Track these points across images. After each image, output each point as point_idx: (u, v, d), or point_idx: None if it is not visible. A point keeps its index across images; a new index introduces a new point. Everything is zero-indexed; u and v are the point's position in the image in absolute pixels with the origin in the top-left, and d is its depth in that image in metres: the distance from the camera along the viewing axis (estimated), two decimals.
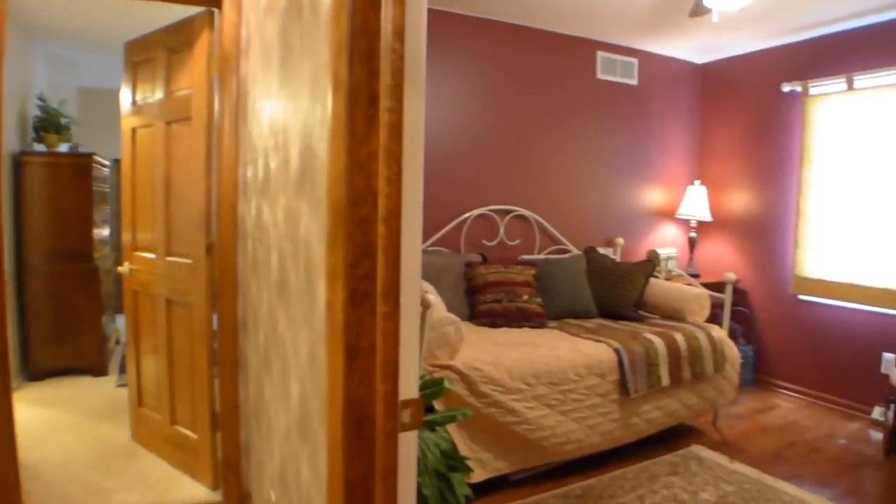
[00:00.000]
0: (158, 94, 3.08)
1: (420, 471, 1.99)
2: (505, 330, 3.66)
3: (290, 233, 1.50)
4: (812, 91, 4.57)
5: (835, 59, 4.44)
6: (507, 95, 4.43)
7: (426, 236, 4.10)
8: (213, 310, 2.80)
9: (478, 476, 2.84)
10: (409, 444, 1.14)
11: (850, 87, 4.30)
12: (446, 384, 2.18)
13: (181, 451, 3.07)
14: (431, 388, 2.20)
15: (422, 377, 2.36)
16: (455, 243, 4.24)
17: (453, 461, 2.19)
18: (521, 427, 2.94)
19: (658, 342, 3.51)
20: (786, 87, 4.70)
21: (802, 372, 4.73)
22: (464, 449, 2.76)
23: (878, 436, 3.99)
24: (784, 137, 4.83)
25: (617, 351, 3.34)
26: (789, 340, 4.83)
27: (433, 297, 2.73)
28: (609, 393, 3.27)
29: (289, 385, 1.58)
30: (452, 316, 2.89)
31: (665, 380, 3.47)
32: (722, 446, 3.73)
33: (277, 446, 1.79)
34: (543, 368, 3.06)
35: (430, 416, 2.22)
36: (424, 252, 3.91)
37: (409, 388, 1.12)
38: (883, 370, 4.21)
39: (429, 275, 3.65)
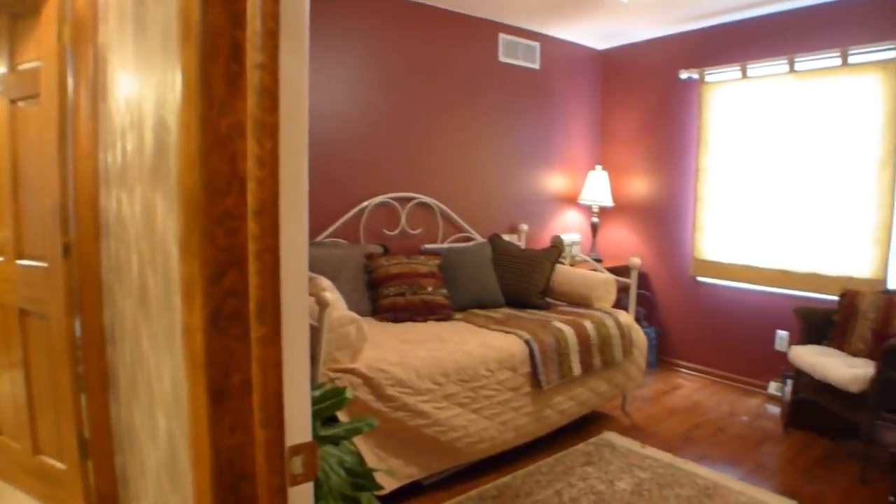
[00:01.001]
0: (1, 68, 2.63)
1: (323, 495, 1.75)
2: (410, 325, 3.45)
3: (148, 231, 1.21)
4: (708, 78, 4.67)
5: (730, 48, 4.55)
6: (407, 77, 4.20)
7: (322, 227, 3.81)
8: (76, 320, 2.42)
9: (388, 486, 2.62)
10: (302, 501, 0.90)
11: (744, 75, 4.43)
12: (348, 393, 1.95)
13: (48, 483, 2.65)
14: (333, 398, 1.96)
15: (321, 385, 2.11)
16: (354, 234, 3.98)
17: (360, 478, 1.97)
18: (432, 429, 2.75)
19: (568, 331, 3.43)
20: (683, 74, 4.78)
21: (703, 352, 4.85)
22: (371, 458, 2.54)
23: (775, 410, 4.14)
24: (682, 123, 4.92)
25: (528, 342, 3.22)
26: (690, 321, 4.94)
27: (331, 294, 2.48)
28: (521, 386, 3.15)
29: (156, 416, 1.30)
30: (353, 314, 2.65)
31: (576, 369, 3.39)
32: (632, 431, 3.72)
33: (151, 487, 1.50)
34: (453, 365, 2.89)
35: (333, 430, 1.99)
36: (321, 244, 3.62)
37: (299, 428, 0.88)
38: (777, 347, 4.38)
39: (326, 269, 3.38)
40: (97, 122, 2.20)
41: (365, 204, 4.00)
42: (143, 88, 1.24)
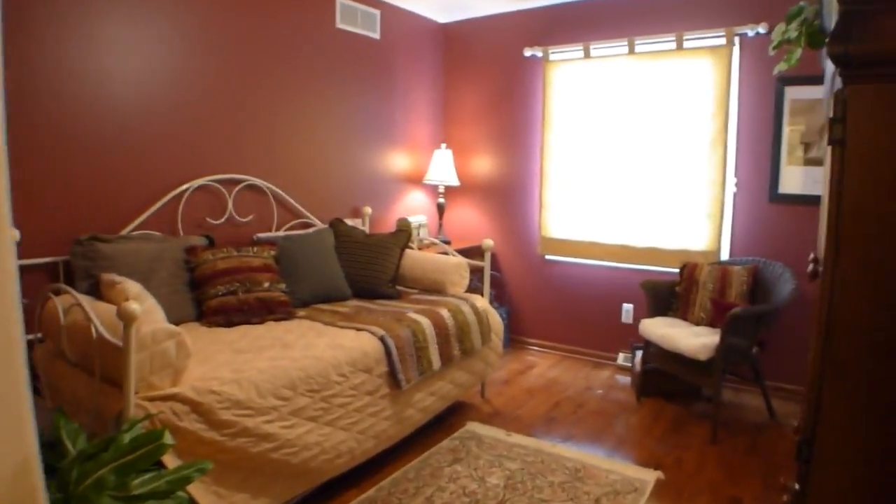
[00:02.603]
0: None
1: None
2: (245, 328, 2.95)
3: None
4: (552, 57, 4.66)
5: (574, 28, 4.56)
6: (231, 40, 3.59)
7: (128, 218, 3.14)
8: None
9: None
10: None
11: (587, 54, 4.47)
12: (168, 439, 1.49)
13: None
14: (148, 444, 1.49)
15: (133, 424, 1.63)
16: (170, 224, 3.36)
17: None
18: (281, 452, 2.34)
19: (425, 322, 3.16)
20: (528, 52, 4.73)
21: (553, 328, 4.85)
22: (210, 502, 2.08)
23: (625, 380, 4.23)
24: (527, 101, 4.86)
25: (382, 339, 2.89)
26: (539, 300, 4.91)
27: (139, 304, 1.97)
28: (378, 388, 2.82)
29: None
30: (171, 327, 2.13)
31: (436, 363, 3.13)
32: (495, 418, 3.56)
33: None
34: (300, 374, 2.48)
35: (153, 484, 1.52)
36: (127, 239, 2.98)
37: None
38: (623, 320, 4.46)
39: (135, 269, 2.79)
40: None
41: (184, 188, 3.40)
42: None
